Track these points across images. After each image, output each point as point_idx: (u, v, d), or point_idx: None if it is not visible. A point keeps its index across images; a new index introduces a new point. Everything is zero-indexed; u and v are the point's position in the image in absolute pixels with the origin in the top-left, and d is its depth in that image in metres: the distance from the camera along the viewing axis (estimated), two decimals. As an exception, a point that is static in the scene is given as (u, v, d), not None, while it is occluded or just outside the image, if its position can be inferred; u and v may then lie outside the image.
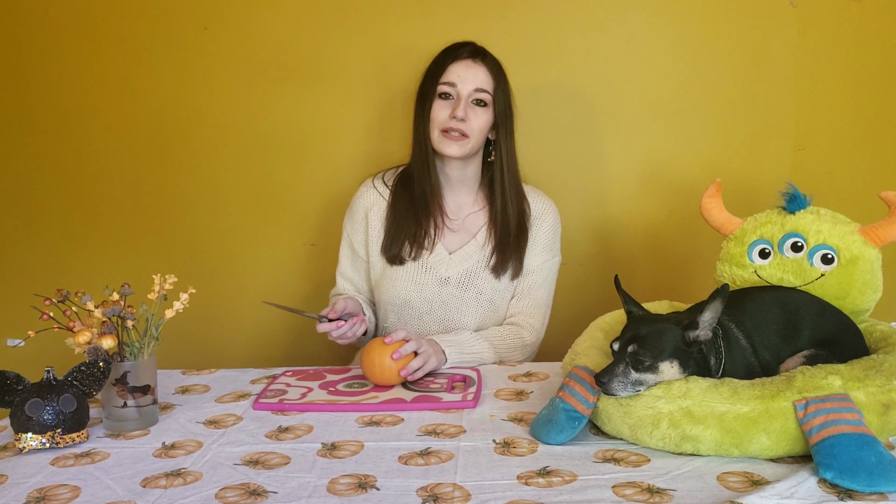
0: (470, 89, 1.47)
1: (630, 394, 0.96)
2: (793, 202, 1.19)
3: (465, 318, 1.52)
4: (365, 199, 1.58)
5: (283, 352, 1.96)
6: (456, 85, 1.47)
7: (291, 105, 1.90)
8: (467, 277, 1.52)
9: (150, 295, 1.14)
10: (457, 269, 1.52)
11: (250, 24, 1.88)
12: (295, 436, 1.06)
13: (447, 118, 1.46)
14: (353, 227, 1.60)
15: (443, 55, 1.50)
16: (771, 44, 1.80)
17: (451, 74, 1.47)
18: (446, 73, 1.47)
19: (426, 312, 1.52)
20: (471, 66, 1.47)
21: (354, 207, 1.60)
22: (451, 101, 1.47)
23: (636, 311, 1.05)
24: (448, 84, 1.47)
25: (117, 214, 1.98)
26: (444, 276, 1.52)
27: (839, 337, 1.08)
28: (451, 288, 1.51)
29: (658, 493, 0.85)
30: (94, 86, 1.94)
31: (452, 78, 1.47)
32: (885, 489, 0.81)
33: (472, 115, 1.47)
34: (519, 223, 1.54)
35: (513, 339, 1.49)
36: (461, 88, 1.47)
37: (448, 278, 1.52)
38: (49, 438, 1.02)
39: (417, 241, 1.52)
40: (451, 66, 1.47)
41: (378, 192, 1.58)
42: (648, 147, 1.85)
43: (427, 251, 1.53)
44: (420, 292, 1.52)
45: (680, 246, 1.86)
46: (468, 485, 0.88)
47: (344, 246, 1.62)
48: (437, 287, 1.52)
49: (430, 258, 1.53)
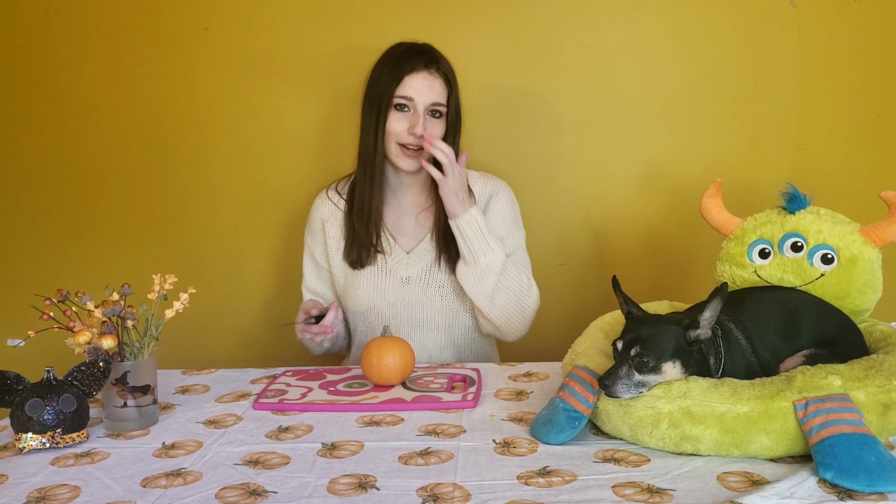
0: (427, 103, 1.46)
1: (633, 395, 0.96)
2: (793, 202, 1.19)
3: (432, 315, 1.53)
4: (321, 211, 1.61)
5: (282, 352, 1.96)
6: (413, 99, 1.45)
7: (292, 105, 1.90)
8: (427, 274, 1.53)
9: (150, 295, 1.14)
10: (416, 267, 1.53)
11: (250, 24, 1.88)
12: (295, 436, 1.06)
13: (404, 132, 1.46)
14: (313, 240, 1.62)
15: (398, 62, 1.46)
16: (771, 44, 1.80)
17: (408, 88, 1.44)
18: (403, 86, 1.44)
19: (392, 316, 1.53)
20: (427, 79, 1.45)
21: (312, 220, 1.62)
22: (408, 113, 1.46)
23: (636, 311, 1.05)
24: (405, 98, 1.45)
25: (117, 214, 1.98)
26: (404, 277, 1.53)
27: (839, 337, 1.08)
28: (412, 287, 1.52)
29: (658, 493, 0.85)
30: (94, 86, 1.94)
31: (410, 92, 1.44)
32: (885, 489, 0.81)
33: (429, 127, 1.46)
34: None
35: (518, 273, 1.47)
36: (418, 102, 1.45)
37: (409, 278, 1.53)
38: (49, 438, 1.02)
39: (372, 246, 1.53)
40: (407, 79, 1.44)
41: (332, 202, 1.60)
42: (648, 147, 1.85)
43: (383, 254, 1.54)
44: (383, 297, 1.53)
45: (680, 246, 1.86)
46: (468, 485, 0.88)
47: (307, 259, 1.64)
48: (399, 288, 1.53)
49: (388, 260, 1.54)
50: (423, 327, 1.54)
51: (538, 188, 1.86)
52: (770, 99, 1.81)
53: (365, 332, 1.56)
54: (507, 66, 1.85)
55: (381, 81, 1.47)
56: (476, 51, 1.84)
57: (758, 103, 1.82)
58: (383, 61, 1.49)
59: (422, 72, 1.45)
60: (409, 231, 1.57)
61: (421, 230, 1.56)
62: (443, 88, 1.47)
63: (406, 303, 1.53)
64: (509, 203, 1.57)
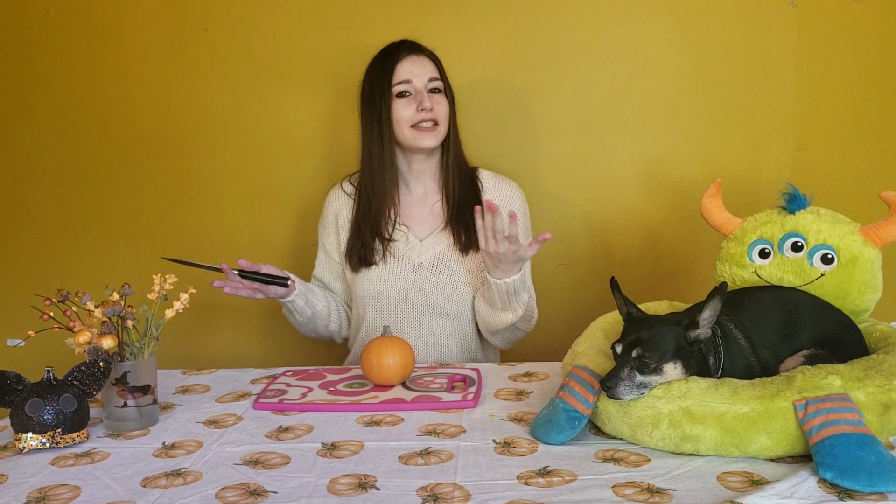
0: (425, 80, 1.50)
1: (635, 396, 0.96)
2: (793, 202, 1.18)
3: (442, 302, 1.54)
4: (334, 204, 1.64)
5: (283, 352, 1.96)
6: (411, 81, 1.49)
7: (292, 105, 1.90)
8: (440, 261, 1.55)
9: (150, 295, 1.14)
10: (428, 254, 1.55)
11: (250, 25, 1.88)
12: (295, 436, 1.06)
13: (414, 113, 1.49)
14: (325, 231, 1.65)
15: (384, 58, 1.52)
16: (771, 44, 1.80)
17: (402, 73, 1.49)
18: (397, 73, 1.49)
19: (403, 300, 1.55)
20: (417, 61, 1.51)
21: (325, 213, 1.66)
22: (411, 97, 1.50)
23: (635, 312, 1.05)
24: (403, 82, 1.49)
25: (117, 214, 1.98)
26: (417, 263, 1.55)
27: (839, 337, 1.08)
28: (424, 273, 1.54)
29: (658, 493, 0.85)
30: (94, 86, 1.94)
31: (405, 76, 1.49)
32: (885, 489, 0.81)
33: (435, 103, 1.50)
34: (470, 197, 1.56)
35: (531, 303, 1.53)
36: (416, 83, 1.50)
37: (421, 264, 1.55)
38: (49, 438, 1.02)
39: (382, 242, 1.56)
40: (398, 67, 1.50)
41: (346, 193, 1.63)
42: (648, 147, 1.85)
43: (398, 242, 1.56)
44: (394, 281, 1.55)
45: (680, 246, 1.86)
46: (468, 485, 0.88)
47: (320, 251, 1.68)
48: (411, 274, 1.54)
49: (402, 247, 1.56)
50: (431, 313, 1.55)
51: (538, 188, 1.86)
52: (770, 99, 1.81)
53: (375, 316, 1.58)
54: (507, 66, 1.85)
55: (375, 80, 1.52)
56: (476, 51, 1.84)
57: (758, 103, 1.82)
58: (372, 65, 1.55)
59: (409, 56, 1.51)
60: (423, 219, 1.59)
61: (435, 220, 1.59)
62: (433, 66, 1.53)
63: (417, 288, 1.54)
64: (523, 211, 1.62)
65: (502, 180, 1.62)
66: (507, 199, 1.59)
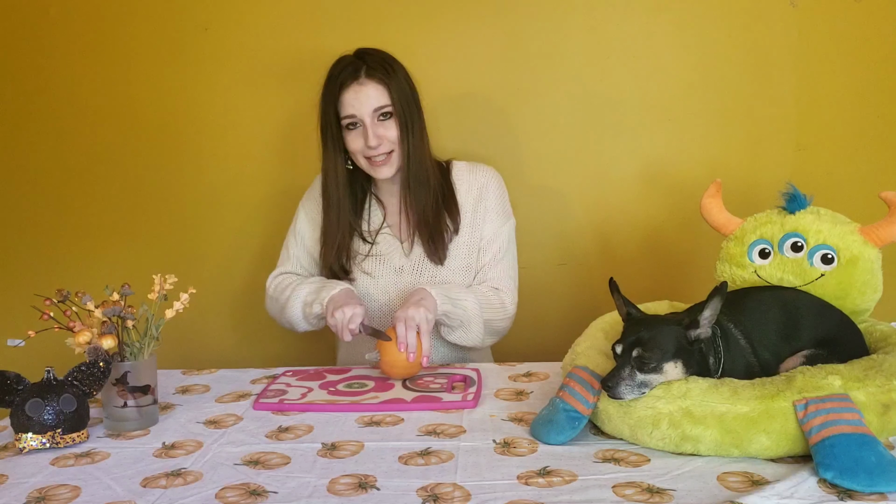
0: (369, 111, 1.44)
1: (636, 396, 0.96)
2: (793, 202, 1.18)
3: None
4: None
5: (283, 352, 1.96)
6: (355, 115, 1.45)
7: (292, 106, 1.90)
8: (420, 264, 1.53)
9: (150, 295, 1.14)
10: (408, 259, 1.54)
11: (250, 24, 1.88)
12: (295, 436, 1.06)
13: (364, 147, 1.46)
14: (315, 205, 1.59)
15: (329, 83, 1.47)
16: (771, 44, 1.79)
17: (346, 106, 1.45)
18: (342, 106, 1.45)
19: (386, 303, 1.54)
20: (359, 91, 1.43)
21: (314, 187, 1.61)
22: (360, 128, 1.46)
23: (635, 312, 1.05)
24: (349, 116, 1.45)
25: (117, 214, 1.98)
26: (398, 267, 1.54)
27: (839, 337, 1.08)
28: (406, 276, 1.53)
29: (658, 493, 0.85)
30: (94, 86, 1.94)
31: (349, 110, 1.45)
32: (885, 489, 0.81)
33: (383, 130, 1.46)
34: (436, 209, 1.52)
35: (495, 298, 1.50)
36: (360, 115, 1.44)
37: (402, 268, 1.54)
38: (49, 438, 1.02)
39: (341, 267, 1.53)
40: (342, 97, 1.45)
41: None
42: (648, 147, 1.85)
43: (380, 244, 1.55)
44: (377, 284, 1.54)
45: (680, 246, 1.86)
46: (468, 485, 0.88)
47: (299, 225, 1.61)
48: (393, 277, 1.54)
49: (384, 249, 1.55)
50: None
51: (538, 188, 1.86)
52: (770, 99, 1.81)
53: None
54: (507, 66, 1.85)
55: (325, 107, 1.48)
56: (476, 51, 1.84)
57: (758, 103, 1.82)
58: (323, 88, 1.49)
59: (351, 85, 1.44)
60: (401, 226, 1.58)
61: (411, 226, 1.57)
62: (378, 91, 1.44)
63: (399, 291, 1.53)
64: (499, 193, 1.59)
65: (476, 167, 1.59)
66: (482, 184, 1.57)
